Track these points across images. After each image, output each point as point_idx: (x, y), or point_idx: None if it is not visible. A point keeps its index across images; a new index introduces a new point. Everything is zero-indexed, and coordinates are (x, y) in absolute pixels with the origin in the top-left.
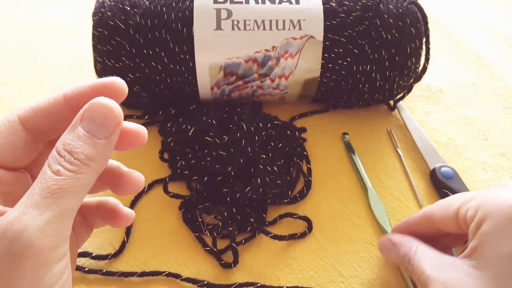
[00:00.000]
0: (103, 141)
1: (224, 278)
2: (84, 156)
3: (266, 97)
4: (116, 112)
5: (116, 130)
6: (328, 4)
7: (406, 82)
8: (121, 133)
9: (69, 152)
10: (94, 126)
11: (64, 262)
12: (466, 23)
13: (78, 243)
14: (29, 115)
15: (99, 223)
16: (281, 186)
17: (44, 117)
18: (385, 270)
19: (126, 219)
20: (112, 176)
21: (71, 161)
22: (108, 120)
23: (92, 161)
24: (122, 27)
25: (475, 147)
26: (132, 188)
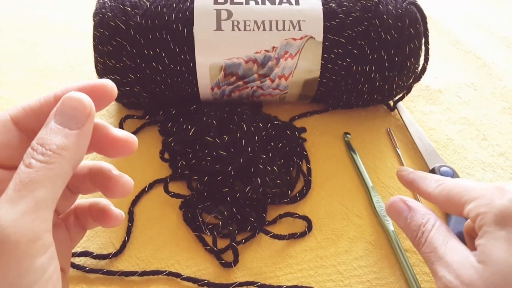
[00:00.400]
0: (75, 131)
1: (224, 277)
2: (56, 146)
3: (266, 97)
4: (86, 104)
5: (87, 121)
6: (328, 4)
7: (405, 83)
8: (111, 141)
9: (41, 145)
10: (66, 118)
11: (47, 255)
12: (465, 24)
13: (72, 243)
14: (20, 114)
15: (91, 223)
16: (281, 186)
17: (35, 117)
18: (384, 269)
19: (115, 220)
20: (103, 178)
21: (42, 152)
22: (78, 111)
23: (64, 150)
24: (123, 28)
25: (474, 147)
26: (121, 192)
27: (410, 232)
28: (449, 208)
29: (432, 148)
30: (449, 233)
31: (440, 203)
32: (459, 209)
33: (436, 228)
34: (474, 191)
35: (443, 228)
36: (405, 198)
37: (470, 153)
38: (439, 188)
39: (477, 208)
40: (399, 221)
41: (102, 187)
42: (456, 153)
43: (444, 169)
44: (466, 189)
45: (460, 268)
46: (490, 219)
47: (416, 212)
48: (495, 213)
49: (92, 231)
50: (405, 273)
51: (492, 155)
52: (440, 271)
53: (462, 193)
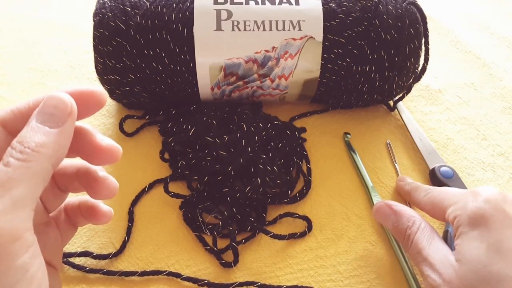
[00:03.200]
0: (56, 130)
1: (224, 277)
2: (35, 144)
3: (266, 97)
4: (67, 102)
5: (68, 119)
6: (328, 5)
7: (405, 83)
8: (94, 149)
9: (20, 143)
10: (46, 116)
11: (29, 254)
12: (465, 24)
13: (63, 241)
14: (8, 117)
15: (82, 221)
16: (281, 186)
17: (23, 119)
18: (384, 269)
19: (104, 217)
20: (89, 179)
21: (21, 150)
22: (59, 109)
23: (43, 148)
24: (123, 28)
25: (474, 147)
26: (105, 193)
27: (398, 235)
28: (434, 214)
29: (432, 148)
30: (433, 234)
31: (427, 210)
32: (442, 214)
33: (421, 230)
34: (453, 197)
35: (427, 229)
36: (390, 203)
37: (470, 153)
38: (427, 196)
39: (454, 211)
40: (387, 225)
41: (87, 187)
42: (456, 153)
43: (444, 169)
44: (447, 195)
45: (441, 267)
46: (464, 220)
47: (401, 216)
48: (469, 215)
49: (92, 231)
50: (405, 273)
51: (492, 155)
52: (425, 271)
53: (444, 199)
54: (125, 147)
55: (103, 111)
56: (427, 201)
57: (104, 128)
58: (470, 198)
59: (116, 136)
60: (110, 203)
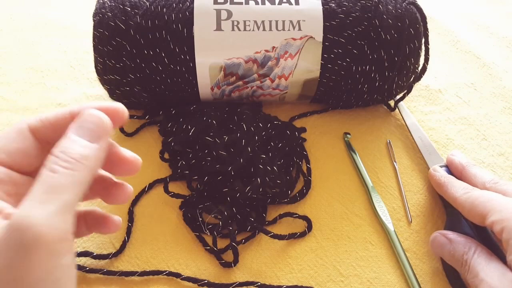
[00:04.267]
0: (96, 145)
1: (224, 277)
2: (79, 156)
3: (266, 97)
4: (105, 121)
5: (106, 136)
6: (328, 5)
7: (405, 83)
8: (119, 160)
9: (64, 153)
10: (86, 131)
11: (71, 256)
12: (465, 24)
13: None
14: (38, 125)
15: (83, 232)
16: (281, 186)
17: (51, 129)
18: (384, 269)
19: (116, 226)
20: (105, 185)
21: (66, 160)
22: (98, 126)
23: (86, 161)
24: (123, 28)
25: (474, 147)
26: (122, 198)
27: (456, 262)
28: (473, 216)
29: (432, 148)
30: (490, 256)
31: (464, 209)
32: (482, 219)
33: (477, 254)
34: (498, 204)
35: (483, 252)
36: (444, 232)
37: (470, 153)
38: (466, 196)
39: (501, 221)
40: (444, 255)
41: (104, 193)
42: None
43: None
44: (490, 201)
45: (499, 285)
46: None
47: (457, 243)
48: None
49: None
50: (405, 273)
51: (492, 155)
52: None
53: (486, 204)
54: (125, 147)
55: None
56: (466, 200)
57: None
58: None
59: (116, 136)
60: None
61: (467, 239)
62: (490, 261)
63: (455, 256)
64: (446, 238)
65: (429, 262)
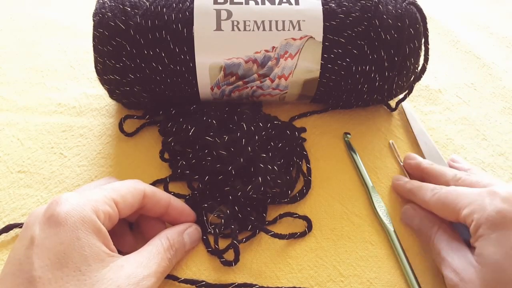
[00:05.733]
0: (185, 253)
1: (224, 277)
2: (180, 257)
3: (266, 97)
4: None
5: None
6: (328, 5)
7: (405, 83)
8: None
9: (176, 250)
10: (189, 242)
11: None
12: (465, 24)
13: None
14: (149, 195)
15: None
16: (281, 186)
17: (152, 203)
18: (384, 269)
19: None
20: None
21: (175, 256)
22: (196, 243)
23: (177, 261)
24: (123, 28)
25: (474, 147)
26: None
27: (422, 236)
28: (445, 214)
29: (437, 153)
30: (453, 236)
31: (437, 210)
32: (455, 215)
33: (440, 233)
34: (467, 197)
35: (446, 231)
36: (415, 206)
37: (470, 153)
38: (435, 197)
39: (471, 213)
40: (414, 227)
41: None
42: (456, 153)
43: None
44: (459, 196)
45: (459, 267)
46: (482, 223)
47: (424, 218)
48: (487, 217)
49: None
50: (405, 273)
51: (492, 155)
52: (444, 270)
53: (456, 200)
54: (125, 147)
55: (103, 111)
56: (436, 201)
57: (104, 128)
58: (487, 199)
59: (116, 136)
60: None
61: (432, 216)
62: (452, 241)
63: (421, 230)
64: (415, 211)
65: (429, 262)
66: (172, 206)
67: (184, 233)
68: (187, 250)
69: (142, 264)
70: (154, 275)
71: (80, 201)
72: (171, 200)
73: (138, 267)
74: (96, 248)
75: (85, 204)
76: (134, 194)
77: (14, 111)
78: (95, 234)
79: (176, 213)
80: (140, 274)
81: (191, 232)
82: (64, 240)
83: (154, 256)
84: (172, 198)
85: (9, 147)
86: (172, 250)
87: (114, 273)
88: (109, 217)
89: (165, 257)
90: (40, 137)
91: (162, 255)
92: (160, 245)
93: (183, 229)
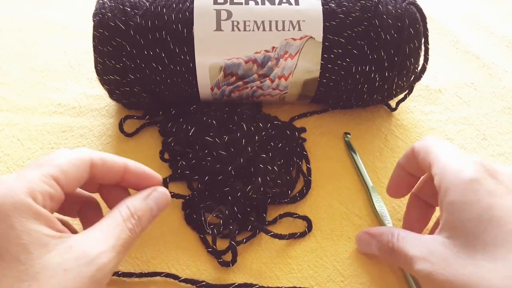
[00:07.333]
0: (153, 219)
1: (224, 277)
2: (145, 226)
3: (266, 97)
4: (169, 204)
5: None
6: (328, 5)
7: (405, 83)
8: None
9: (139, 218)
10: (156, 207)
11: None
12: (465, 24)
13: None
14: (98, 163)
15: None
16: (281, 186)
17: (105, 171)
18: (384, 269)
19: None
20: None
21: (138, 225)
22: (164, 207)
23: (144, 230)
24: (123, 28)
25: (474, 147)
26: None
27: (383, 253)
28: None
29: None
30: (413, 234)
31: None
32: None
33: (402, 236)
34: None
35: (406, 233)
36: (366, 230)
37: (470, 153)
38: None
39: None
40: (372, 251)
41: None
42: None
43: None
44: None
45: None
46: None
47: (380, 235)
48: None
49: None
50: (405, 273)
51: (492, 155)
52: (415, 266)
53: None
54: (125, 147)
55: (103, 111)
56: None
57: (104, 128)
58: None
59: (116, 137)
60: None
61: (387, 228)
62: (414, 237)
63: (382, 249)
64: (369, 234)
65: None
66: (130, 171)
67: (147, 198)
68: (154, 215)
69: (97, 240)
70: (112, 250)
71: (13, 185)
72: (127, 164)
73: (91, 244)
74: (35, 233)
75: (17, 188)
76: (78, 166)
77: (14, 111)
78: (33, 218)
79: (135, 179)
80: (93, 252)
81: (156, 196)
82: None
83: (112, 229)
84: (129, 162)
85: (9, 148)
86: (133, 219)
87: (61, 256)
88: (50, 197)
89: (125, 228)
90: (40, 138)
91: (121, 226)
92: (119, 216)
93: (146, 194)
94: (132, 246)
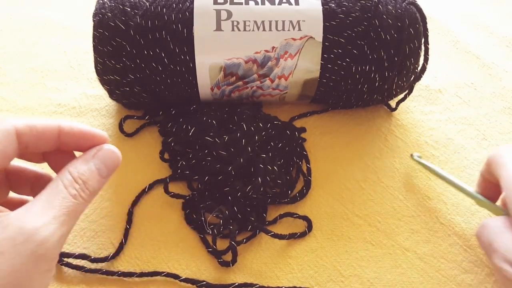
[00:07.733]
0: (104, 180)
1: (225, 277)
2: (93, 189)
3: (266, 97)
4: (120, 161)
5: (112, 174)
6: (328, 5)
7: (405, 83)
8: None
9: (84, 182)
10: (103, 166)
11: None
12: (465, 24)
13: None
14: (25, 131)
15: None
16: (281, 186)
17: (36, 137)
18: (384, 269)
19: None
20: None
21: (84, 190)
22: (114, 165)
23: (95, 194)
24: (123, 28)
25: (474, 146)
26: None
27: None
28: None
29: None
30: (504, 228)
31: None
32: None
33: (492, 226)
34: None
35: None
36: None
37: (470, 153)
38: None
39: None
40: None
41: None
42: (456, 153)
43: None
44: None
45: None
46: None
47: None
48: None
49: (92, 231)
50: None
51: None
52: (498, 263)
53: None
54: (125, 147)
55: (102, 111)
56: None
57: (104, 129)
58: None
59: (116, 137)
60: (110, 204)
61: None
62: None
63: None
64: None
65: (429, 262)
66: (65, 132)
67: (93, 158)
68: (104, 176)
69: (35, 213)
70: (53, 220)
71: None
72: (61, 125)
73: (28, 219)
74: None
75: None
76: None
77: (14, 111)
78: None
79: (74, 139)
80: (30, 228)
81: (101, 155)
82: None
83: (52, 199)
84: (63, 122)
85: None
86: (76, 184)
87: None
88: None
89: (67, 195)
90: None
91: (63, 193)
92: (60, 183)
93: (91, 155)
94: (81, 213)
